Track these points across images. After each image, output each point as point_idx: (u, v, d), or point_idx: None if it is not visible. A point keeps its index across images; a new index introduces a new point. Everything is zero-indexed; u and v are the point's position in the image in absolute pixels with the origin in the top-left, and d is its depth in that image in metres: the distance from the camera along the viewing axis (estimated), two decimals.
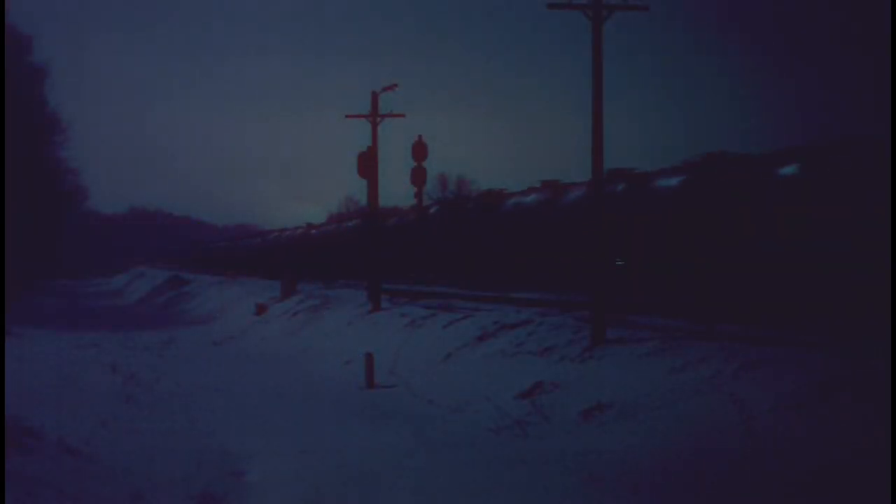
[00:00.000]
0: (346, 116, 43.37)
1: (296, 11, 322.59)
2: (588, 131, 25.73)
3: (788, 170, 26.43)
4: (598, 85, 25.56)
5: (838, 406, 16.52)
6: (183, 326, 56.43)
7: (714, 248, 28.53)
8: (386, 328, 36.15)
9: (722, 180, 28.82)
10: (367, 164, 43.08)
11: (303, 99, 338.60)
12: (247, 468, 18.41)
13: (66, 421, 21.18)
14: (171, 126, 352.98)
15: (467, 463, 18.26)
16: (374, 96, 42.97)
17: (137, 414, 24.16)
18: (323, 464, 18.45)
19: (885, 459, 14.40)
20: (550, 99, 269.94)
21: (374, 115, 42.89)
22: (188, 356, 39.60)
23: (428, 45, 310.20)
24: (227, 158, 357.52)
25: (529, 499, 15.96)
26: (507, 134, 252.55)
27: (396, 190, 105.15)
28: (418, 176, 43.21)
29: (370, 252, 44.74)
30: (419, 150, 42.74)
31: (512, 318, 30.00)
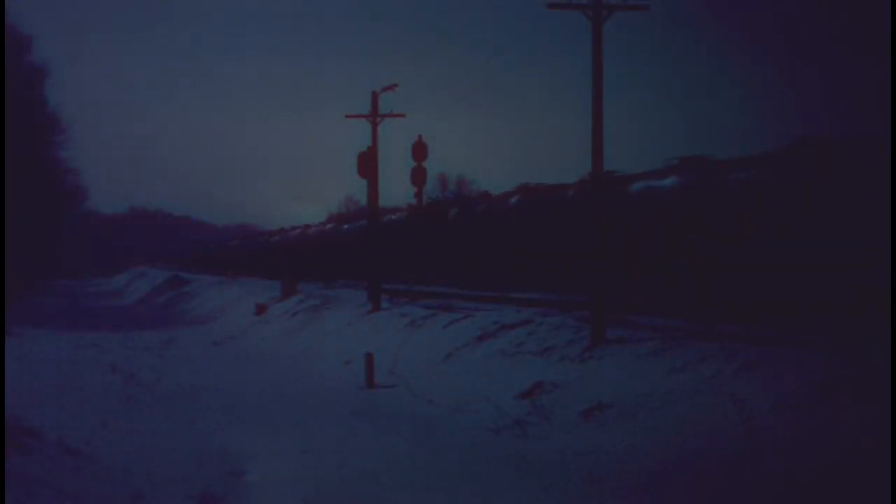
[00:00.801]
0: (346, 116, 43.45)
1: (296, 11, 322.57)
2: (588, 131, 25.76)
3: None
4: (598, 85, 25.57)
5: (838, 406, 16.52)
6: (183, 326, 56.44)
7: None
8: (386, 328, 36.15)
9: None
10: (367, 164, 43.10)
11: (303, 99, 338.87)
12: (247, 468, 18.41)
13: (66, 421, 21.18)
14: (171, 126, 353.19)
15: (467, 463, 18.26)
16: (374, 96, 43.00)
17: (137, 414, 24.16)
18: (323, 464, 18.45)
19: (885, 459, 14.40)
20: (550, 99, 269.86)
21: (374, 115, 42.92)
22: (188, 356, 39.61)
23: (428, 45, 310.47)
24: (227, 158, 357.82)
25: (529, 499, 15.95)
26: (507, 134, 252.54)
27: (396, 190, 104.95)
28: (418, 176, 43.26)
29: (370, 252, 44.74)
30: (419, 150, 42.80)
31: (512, 318, 30.00)
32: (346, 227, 72.53)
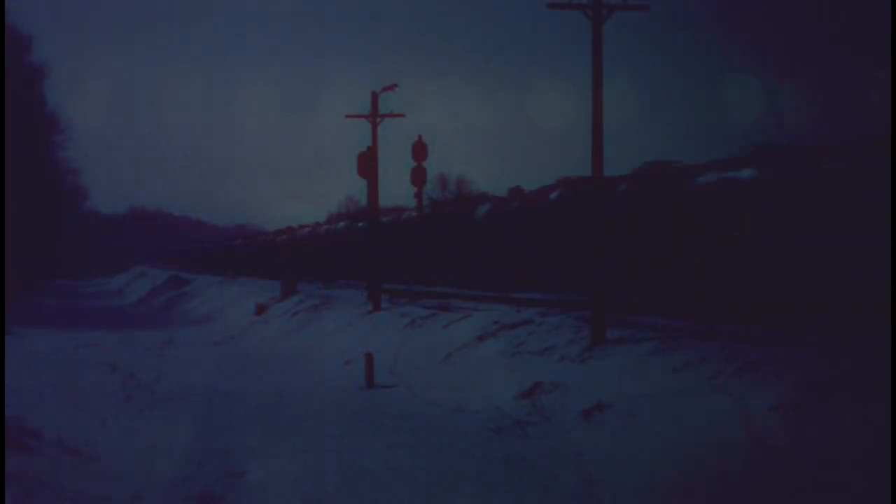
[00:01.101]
0: (346, 116, 43.48)
1: (296, 11, 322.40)
2: (588, 131, 25.76)
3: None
4: (598, 85, 25.57)
5: (838, 406, 16.51)
6: (183, 326, 56.41)
7: None
8: (386, 328, 36.15)
9: None
10: (367, 164, 43.11)
11: (303, 99, 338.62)
12: (247, 468, 18.41)
13: (66, 421, 21.18)
14: (171, 126, 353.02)
15: (467, 463, 18.26)
16: (374, 96, 43.00)
17: (137, 414, 24.15)
18: (323, 464, 18.45)
19: (885, 459, 14.40)
20: (550, 99, 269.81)
21: (374, 115, 42.93)
22: (188, 356, 39.58)
23: (428, 45, 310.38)
24: (227, 158, 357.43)
25: (529, 499, 15.96)
26: (507, 134, 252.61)
27: (396, 190, 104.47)
28: (418, 176, 43.32)
29: (371, 252, 44.72)
30: (419, 150, 42.86)
31: (512, 317, 30.00)
32: (360, 224, 67.93)
